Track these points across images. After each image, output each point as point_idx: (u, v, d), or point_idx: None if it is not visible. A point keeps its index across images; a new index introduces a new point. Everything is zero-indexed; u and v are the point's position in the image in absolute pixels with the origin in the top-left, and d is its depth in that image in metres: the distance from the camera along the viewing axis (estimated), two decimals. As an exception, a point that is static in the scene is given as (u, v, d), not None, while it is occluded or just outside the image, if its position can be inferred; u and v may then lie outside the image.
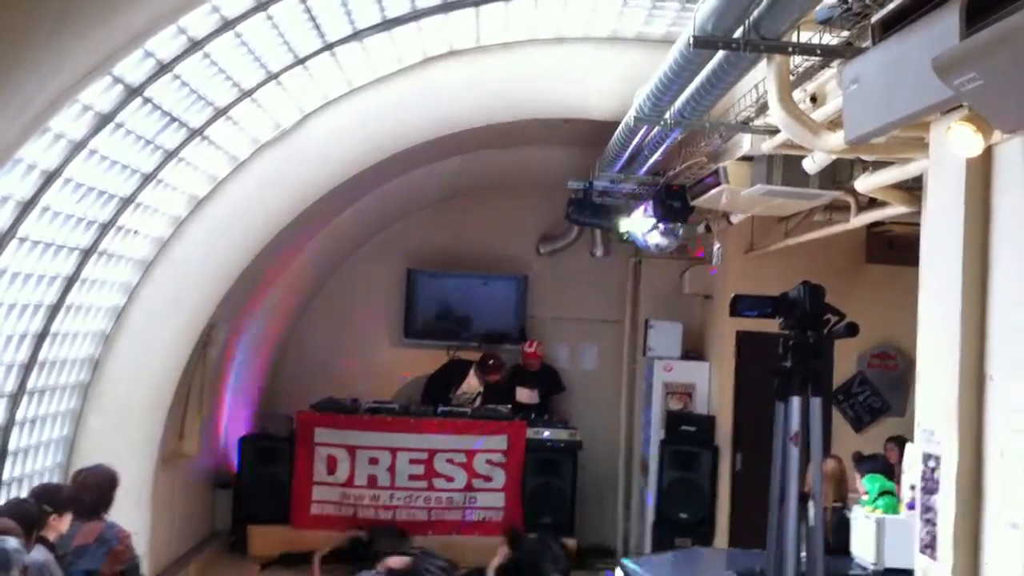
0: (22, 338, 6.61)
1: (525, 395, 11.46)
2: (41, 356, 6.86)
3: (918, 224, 5.35)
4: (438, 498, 10.60)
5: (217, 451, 10.91)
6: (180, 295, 8.09)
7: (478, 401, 11.41)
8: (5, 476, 6.71)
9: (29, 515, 5.50)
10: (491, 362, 11.47)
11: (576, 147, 9.94)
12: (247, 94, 7.17)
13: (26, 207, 5.86)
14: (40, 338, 6.77)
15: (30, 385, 6.84)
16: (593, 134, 8.64)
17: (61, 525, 5.85)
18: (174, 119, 6.74)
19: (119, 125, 6.23)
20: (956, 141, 3.85)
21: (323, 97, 7.91)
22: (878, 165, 6.09)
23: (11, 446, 6.75)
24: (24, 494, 6.38)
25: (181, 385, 8.68)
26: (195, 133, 7.08)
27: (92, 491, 6.35)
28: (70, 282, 6.85)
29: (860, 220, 7.40)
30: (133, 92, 6.03)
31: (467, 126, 8.53)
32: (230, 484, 10.93)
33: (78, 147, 5.99)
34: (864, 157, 5.98)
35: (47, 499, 5.88)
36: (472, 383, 11.54)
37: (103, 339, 7.76)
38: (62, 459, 7.59)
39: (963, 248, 4.40)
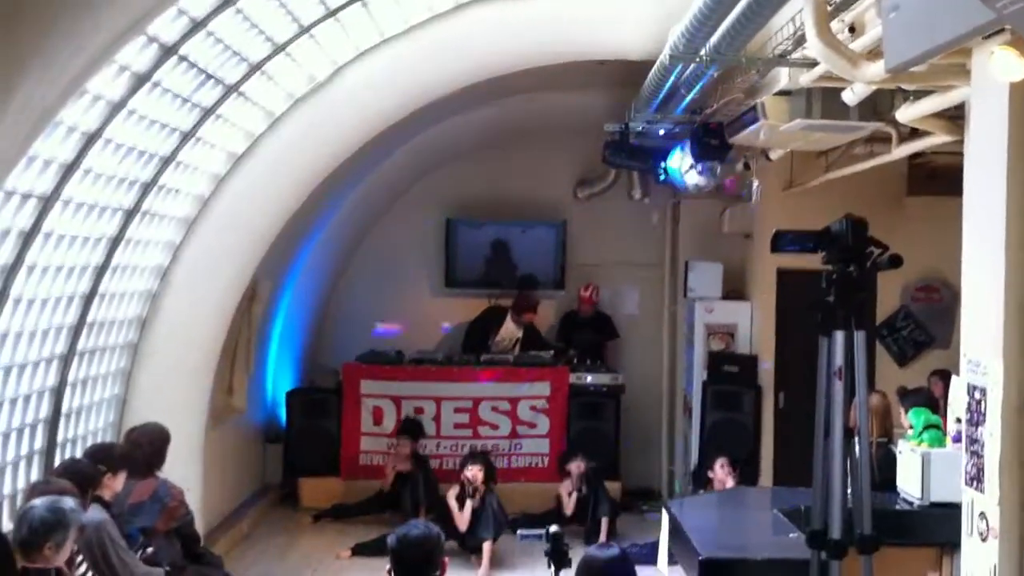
0: (70, 300, 6.72)
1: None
2: (90, 317, 6.96)
3: (960, 154, 5.27)
4: (483, 446, 10.70)
5: (265, 406, 11.07)
6: (223, 252, 8.16)
7: (517, 348, 11.44)
8: (59, 437, 6.84)
9: (84, 475, 5.63)
10: (524, 303, 11.46)
11: (611, 89, 9.86)
12: (280, 48, 7.16)
13: (68, 170, 5.93)
14: (88, 299, 6.87)
15: (80, 346, 6.95)
16: (628, 75, 8.56)
17: (115, 484, 5.99)
18: (210, 76, 6.75)
19: (156, 84, 6.25)
20: (998, 66, 3.79)
21: (355, 49, 7.88)
22: (919, 94, 6.00)
23: (64, 407, 6.87)
24: (79, 454, 6.53)
25: (228, 341, 8.79)
26: (231, 89, 7.10)
27: (145, 449, 6.50)
28: (115, 243, 6.93)
29: (901, 151, 7.31)
30: (168, 51, 6.05)
31: (501, 72, 8.47)
32: (279, 438, 11.09)
33: (117, 108, 6.02)
34: (904, 86, 5.89)
35: (101, 458, 6.02)
36: (510, 328, 11.58)
37: (150, 298, 7.85)
38: (114, 418, 7.73)
39: (1007, 175, 4.34)
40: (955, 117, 5.96)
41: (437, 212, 12.02)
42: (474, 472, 9.17)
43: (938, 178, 9.16)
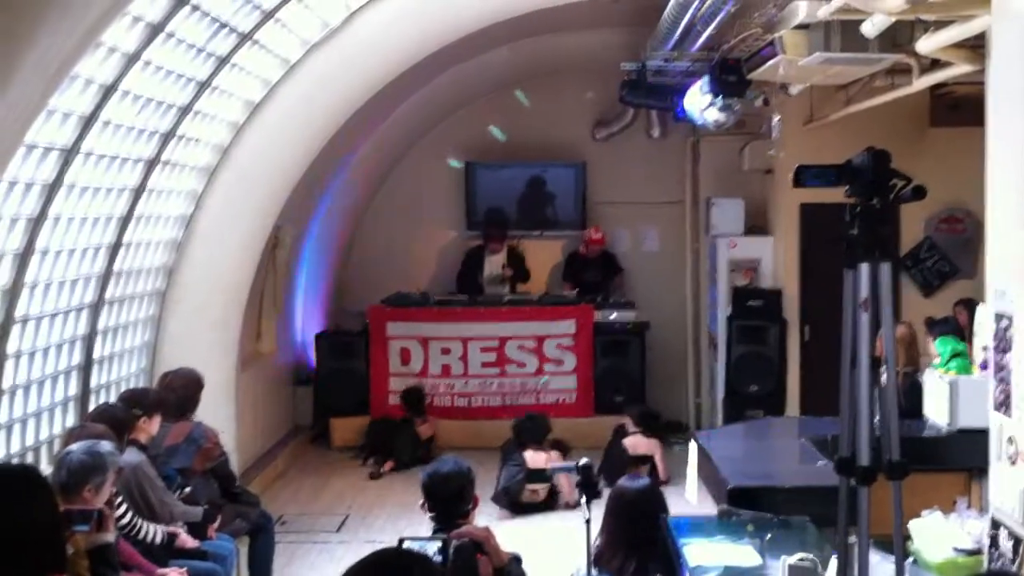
0: (96, 250, 6.79)
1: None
2: (116, 266, 7.04)
3: (982, 83, 5.23)
4: (511, 384, 10.81)
5: (294, 349, 11.19)
6: (245, 199, 8.20)
7: (507, 284, 11.52)
8: (93, 383, 6.96)
9: (118, 419, 5.73)
10: (488, 235, 11.57)
11: (627, 27, 9.78)
12: (294, -7, 7.14)
13: (88, 122, 5.96)
14: (114, 249, 6.95)
15: (109, 295, 7.04)
16: (643, 13, 8.49)
17: (151, 427, 6.10)
18: (223, 25, 6.75)
19: (170, 35, 6.25)
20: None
21: (370, -8, 7.85)
22: (939, 24, 5.93)
23: (96, 354, 6.99)
24: (112, 400, 6.64)
25: (254, 287, 8.88)
26: (245, 38, 7.09)
27: (179, 392, 6.61)
28: (138, 193, 6.99)
29: (923, 83, 7.23)
30: (181, 0, 6.04)
31: (516, 13, 8.43)
32: (309, 380, 11.22)
33: (132, 59, 6.04)
34: (924, 17, 5.82)
35: (135, 403, 6.12)
36: (492, 263, 11.66)
37: (175, 247, 7.93)
38: (146, 364, 7.85)
39: (1031, 102, 4.31)
40: (976, 46, 5.89)
41: (456, 155, 12.01)
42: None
43: (961, 108, 9.08)
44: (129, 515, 5.52)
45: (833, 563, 3.90)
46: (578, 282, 11.64)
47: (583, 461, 4.40)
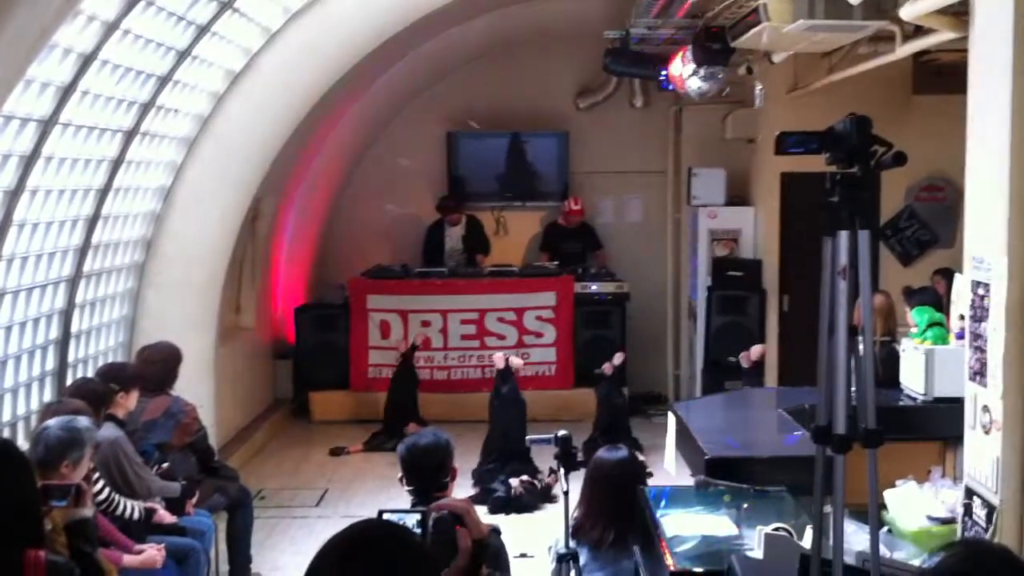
0: (74, 223, 6.73)
1: None
2: (95, 239, 6.99)
3: (966, 50, 5.22)
4: (491, 356, 10.79)
5: (274, 322, 11.15)
6: (225, 171, 8.14)
7: (464, 257, 11.54)
8: (70, 358, 6.92)
9: (96, 393, 5.70)
10: (445, 208, 11.57)
11: (610, -5, 9.73)
12: (274, -38, 7.07)
13: (66, 92, 5.90)
14: (92, 221, 6.89)
15: (87, 268, 6.99)
16: (627, -21, 8.45)
17: (128, 402, 6.07)
18: (203, -8, 6.69)
19: (150, 3, 6.19)
20: (1002, -41, 3.73)
21: (350, -40, 7.79)
22: (923, -9, 5.91)
23: (73, 328, 6.94)
24: (90, 374, 6.60)
25: (234, 259, 8.82)
26: (226, 6, 7.02)
27: (157, 367, 6.56)
28: (116, 165, 6.93)
29: (906, 50, 7.21)
30: (160, -33, 5.98)
31: (498, -20, 8.38)
32: (289, 354, 11.19)
33: (111, 28, 5.97)
34: (908, -17, 5.80)
35: (113, 377, 6.08)
36: (452, 235, 11.65)
37: (154, 219, 7.87)
38: (124, 338, 7.81)
39: (1012, 71, 4.30)
40: (960, 13, 5.86)
41: (438, 125, 11.96)
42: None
43: (945, 76, 9.05)
44: (107, 491, 5.51)
45: (809, 532, 3.92)
46: (556, 253, 11.63)
47: (561, 432, 4.40)
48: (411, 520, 3.42)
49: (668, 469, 6.60)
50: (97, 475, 5.34)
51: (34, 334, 6.49)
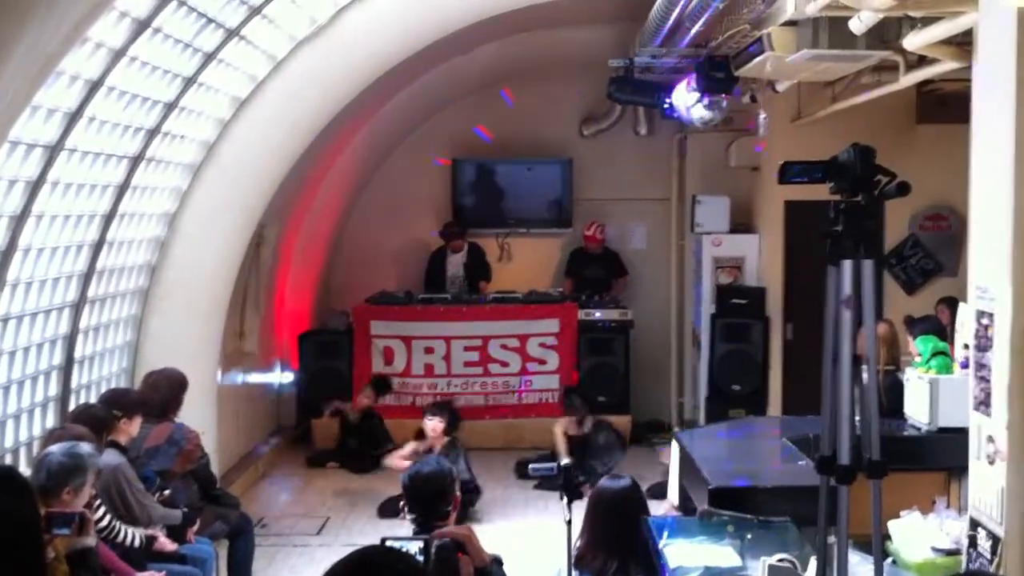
0: (79, 248, 6.75)
1: None
2: (99, 265, 6.99)
3: (969, 80, 5.23)
4: (494, 383, 10.78)
5: (278, 349, 11.14)
6: (230, 197, 8.16)
7: (465, 285, 11.54)
8: (74, 384, 6.91)
9: (98, 419, 5.70)
10: (448, 235, 11.58)
11: (615, 24, 9.77)
12: (280, -10, 7.12)
13: (73, 118, 5.92)
14: (97, 247, 6.90)
15: (91, 294, 6.99)
16: (632, 9, 8.49)
17: (131, 428, 6.06)
18: (210, 20, 6.72)
19: (157, 30, 6.22)
20: (1005, -9, 3.74)
21: (357, -12, 7.83)
22: (926, 21, 5.94)
23: (77, 354, 6.93)
24: (93, 400, 6.59)
25: (237, 286, 8.82)
26: (232, 33, 7.06)
27: (162, 392, 6.56)
28: (122, 190, 6.94)
29: (909, 79, 7.24)
30: (167, -5, 6.01)
31: (503, 10, 8.40)
32: (292, 380, 11.17)
33: (118, 55, 6.00)
34: (912, 13, 5.82)
35: (116, 403, 6.08)
36: (453, 261, 11.66)
37: (159, 245, 7.88)
38: (127, 364, 7.80)
39: (1015, 101, 4.31)
40: (963, 43, 5.90)
41: (443, 152, 11.99)
42: (434, 425, 8.80)
43: (948, 105, 9.09)
44: (108, 517, 5.49)
45: (813, 563, 3.90)
46: (579, 279, 11.62)
47: (564, 461, 4.39)
48: (414, 547, 3.41)
49: (671, 499, 6.57)
50: (98, 501, 5.32)
51: (37, 360, 6.48)
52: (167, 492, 6.20)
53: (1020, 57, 4.31)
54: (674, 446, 6.62)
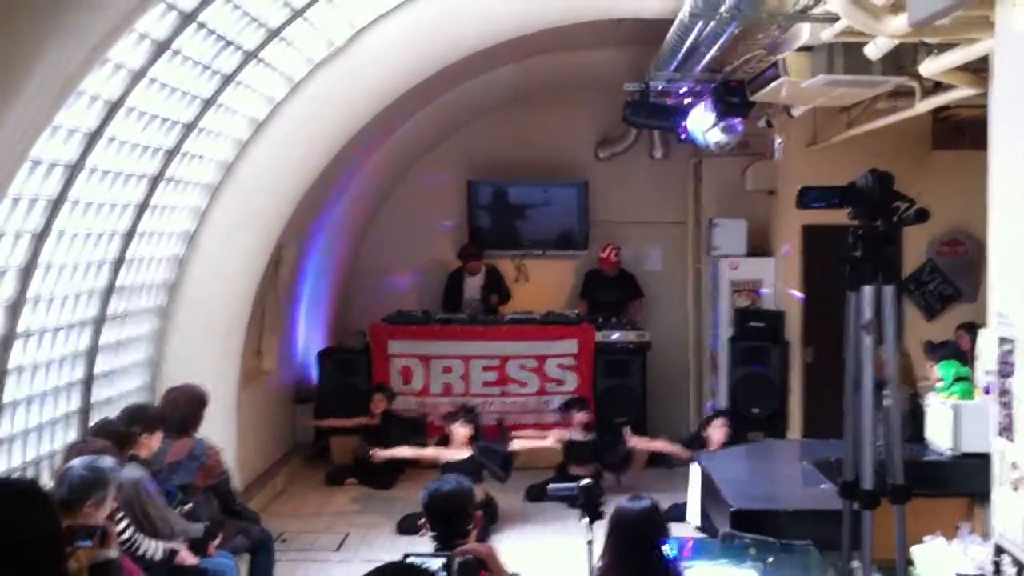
0: (100, 265, 6.80)
1: None
2: (119, 282, 7.05)
3: (985, 106, 5.25)
4: (513, 403, 10.77)
5: (296, 367, 11.17)
6: (248, 216, 8.21)
7: (483, 307, 11.57)
8: (94, 398, 6.95)
9: (118, 434, 5.73)
10: (466, 256, 11.64)
11: (630, 48, 9.81)
12: (299, 13, 7.17)
13: (93, 138, 5.98)
14: (117, 264, 6.95)
15: (111, 311, 7.04)
16: (647, 33, 8.52)
17: (152, 443, 6.09)
18: (229, 43, 6.78)
19: (176, 52, 6.28)
20: (1022, 18, 3.76)
21: (374, 12, 7.89)
22: (942, 47, 5.96)
23: (97, 370, 6.98)
24: (113, 415, 6.62)
25: (256, 304, 8.87)
26: (250, 56, 7.11)
27: (182, 409, 6.60)
28: (141, 209, 7.00)
29: (925, 105, 7.26)
30: (187, 18, 6.07)
31: (520, 33, 8.45)
32: (310, 398, 11.20)
33: (138, 76, 6.06)
34: (928, 40, 5.85)
35: (136, 419, 6.11)
36: (471, 283, 11.68)
37: (178, 263, 7.93)
38: (147, 380, 7.84)
39: (1034, 127, 4.32)
40: (979, 70, 5.91)
41: (458, 173, 12.04)
42: (467, 431, 8.95)
43: (964, 131, 9.10)
44: (130, 531, 5.52)
45: (835, 587, 3.89)
46: (594, 301, 11.63)
47: (585, 482, 4.39)
48: (436, 564, 3.42)
49: (691, 521, 6.56)
50: (120, 514, 5.34)
51: (59, 374, 6.53)
52: (188, 506, 6.22)
53: (1039, 83, 4.32)
54: (694, 468, 6.61)
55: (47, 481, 5.87)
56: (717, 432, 8.91)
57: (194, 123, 7.08)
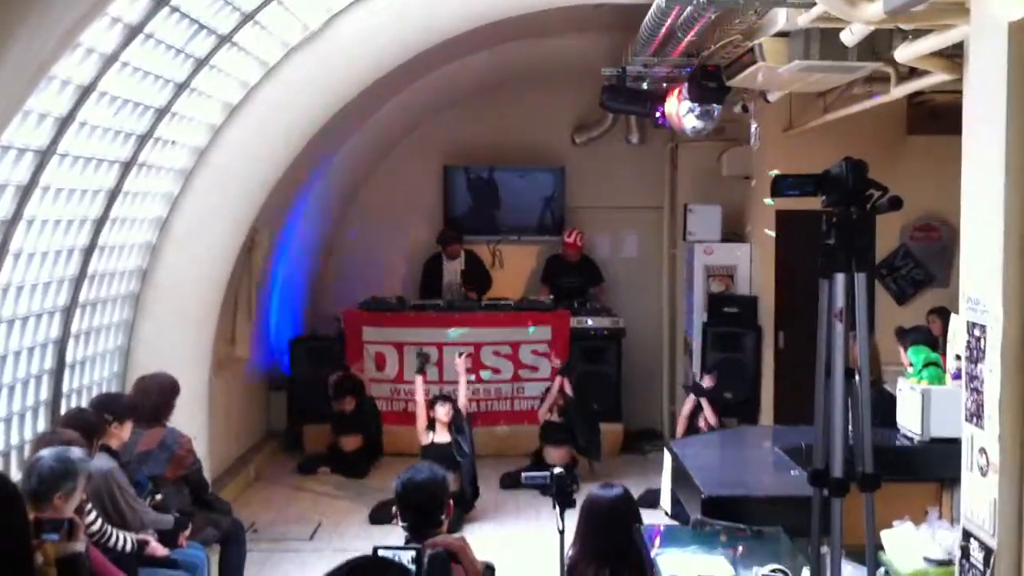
0: (71, 253, 6.73)
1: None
2: (90, 269, 6.98)
3: (960, 92, 5.25)
4: (486, 390, 10.76)
5: (269, 354, 11.13)
6: (222, 202, 8.16)
7: (463, 292, 11.55)
8: (65, 388, 6.89)
9: (89, 424, 5.67)
10: (445, 241, 11.61)
11: (608, 33, 9.79)
12: (273, -4, 7.11)
13: (64, 123, 5.91)
14: (88, 252, 6.89)
15: (82, 298, 6.98)
16: (624, 18, 8.50)
17: (122, 433, 6.04)
18: (202, 26, 6.71)
19: (149, 36, 6.21)
20: (998, 4, 3.76)
21: (350, -5, 7.83)
22: (917, 33, 5.96)
23: (68, 358, 6.92)
24: (84, 405, 6.57)
25: (229, 291, 8.82)
26: (224, 40, 7.05)
27: (153, 397, 6.55)
28: (113, 195, 6.93)
29: (900, 91, 7.28)
30: (160, 1, 6.00)
31: (496, 18, 8.41)
32: (283, 386, 11.16)
33: (110, 60, 5.99)
34: (903, 26, 5.85)
35: (107, 408, 6.06)
36: (450, 268, 11.65)
37: (150, 250, 7.87)
38: (119, 369, 7.79)
39: (1006, 113, 4.32)
40: (954, 56, 5.92)
41: (435, 159, 11.99)
42: (447, 410, 9.01)
43: (939, 117, 9.14)
44: (99, 522, 5.47)
45: (805, 573, 3.91)
46: (556, 286, 11.62)
47: (557, 470, 4.38)
48: (406, 557, 3.40)
49: (664, 507, 6.57)
50: (89, 506, 5.30)
51: (28, 363, 6.47)
52: (159, 497, 6.18)
53: (1011, 70, 4.33)
54: (667, 455, 6.62)
55: (16, 473, 5.81)
56: (706, 381, 9.32)
57: (167, 108, 7.02)
